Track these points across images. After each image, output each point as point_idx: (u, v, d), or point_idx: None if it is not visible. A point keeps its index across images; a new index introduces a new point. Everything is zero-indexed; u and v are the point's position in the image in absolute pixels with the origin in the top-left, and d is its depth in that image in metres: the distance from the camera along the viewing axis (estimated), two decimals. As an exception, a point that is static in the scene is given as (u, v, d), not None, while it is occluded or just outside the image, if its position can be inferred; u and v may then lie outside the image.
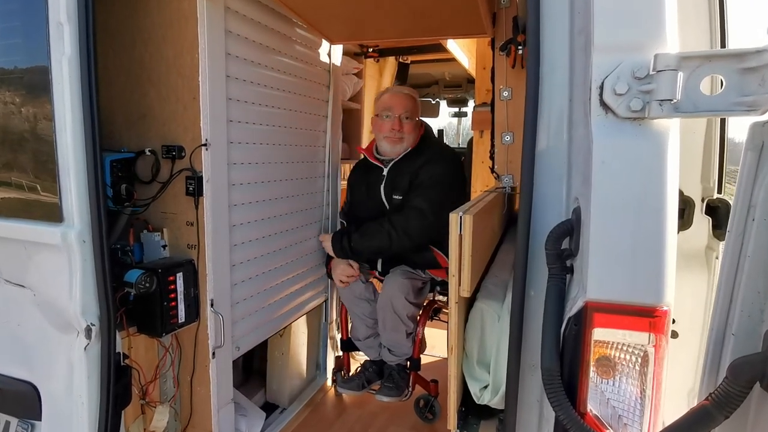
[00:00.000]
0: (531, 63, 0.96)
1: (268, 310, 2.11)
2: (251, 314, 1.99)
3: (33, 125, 1.28)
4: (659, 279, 0.79)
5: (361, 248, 2.19)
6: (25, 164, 1.33)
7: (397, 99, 2.26)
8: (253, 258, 1.97)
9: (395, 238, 2.10)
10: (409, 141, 2.25)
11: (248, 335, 1.98)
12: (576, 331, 0.86)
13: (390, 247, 2.13)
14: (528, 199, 0.98)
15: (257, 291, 2.02)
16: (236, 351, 1.91)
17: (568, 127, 0.98)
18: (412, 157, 2.25)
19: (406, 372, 2.32)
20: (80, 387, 1.32)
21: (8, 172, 1.37)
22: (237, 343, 1.91)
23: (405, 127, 2.23)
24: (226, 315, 1.79)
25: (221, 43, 1.66)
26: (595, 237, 0.81)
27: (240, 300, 1.90)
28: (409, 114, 2.23)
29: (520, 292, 1.00)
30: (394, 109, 2.23)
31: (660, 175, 0.77)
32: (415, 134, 2.28)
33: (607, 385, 0.93)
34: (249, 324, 1.98)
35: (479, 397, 1.43)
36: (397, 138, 2.23)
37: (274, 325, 2.18)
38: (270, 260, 2.08)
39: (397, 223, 2.10)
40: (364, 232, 2.18)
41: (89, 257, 1.27)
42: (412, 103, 2.27)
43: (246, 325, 1.96)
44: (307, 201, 2.37)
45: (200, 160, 1.63)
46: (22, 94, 1.30)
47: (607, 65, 0.79)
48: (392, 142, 2.25)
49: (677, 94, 0.75)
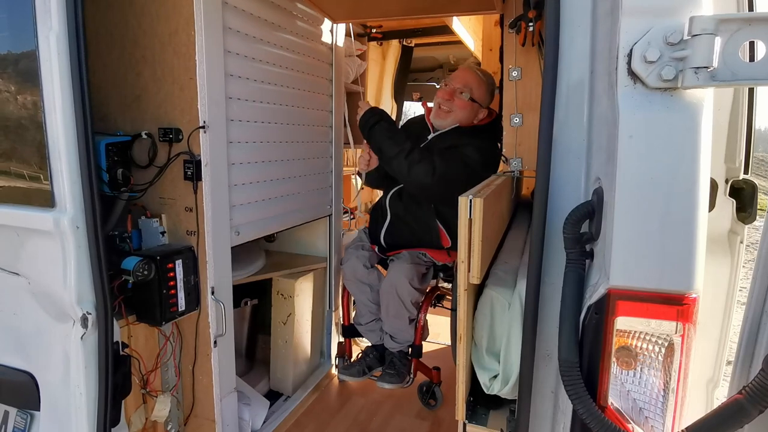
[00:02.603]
0: (550, 32, 0.89)
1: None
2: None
3: (20, 106, 1.22)
4: (690, 264, 0.74)
5: (380, 134, 2.06)
6: (14, 147, 1.28)
7: (462, 72, 2.23)
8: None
9: (403, 158, 2.00)
10: (457, 117, 2.18)
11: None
12: (597, 320, 0.81)
13: (394, 155, 2.02)
14: (545, 180, 0.92)
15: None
16: (236, 236, 1.80)
17: (589, 102, 0.91)
18: (462, 132, 2.17)
19: (408, 359, 2.29)
20: (77, 377, 1.28)
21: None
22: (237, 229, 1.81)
23: (456, 101, 2.16)
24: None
25: (218, 17, 1.58)
26: (620, 219, 0.75)
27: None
28: (466, 90, 2.16)
29: (535, 278, 0.94)
30: (453, 80, 2.20)
31: (693, 151, 0.71)
32: (467, 114, 2.18)
33: (628, 376, 0.88)
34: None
35: (489, 387, 1.38)
36: (444, 111, 2.19)
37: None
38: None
39: (415, 154, 2.02)
40: (392, 130, 2.08)
41: (83, 244, 1.22)
42: (475, 81, 2.19)
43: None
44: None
45: (198, 143, 1.57)
46: (8, 74, 1.24)
47: (637, 30, 0.72)
48: (438, 115, 2.21)
49: (714, 61, 0.68)
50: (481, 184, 1.54)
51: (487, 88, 2.24)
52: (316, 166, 2.36)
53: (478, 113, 2.22)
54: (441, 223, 2.19)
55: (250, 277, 2.27)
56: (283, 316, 2.39)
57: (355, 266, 2.35)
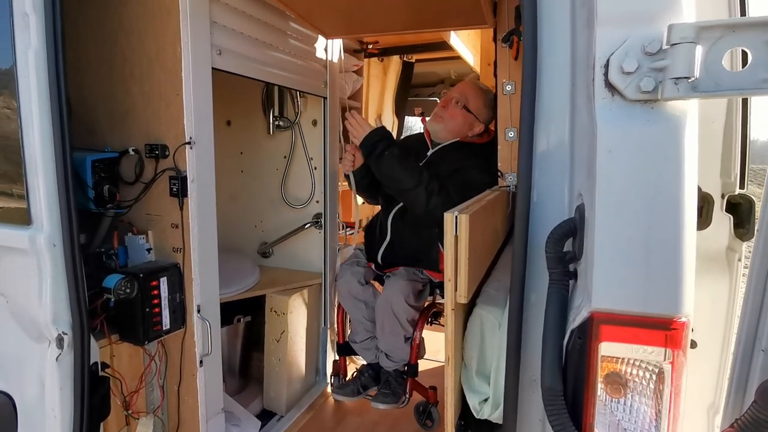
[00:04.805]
0: (528, 44, 0.86)
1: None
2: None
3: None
4: (676, 286, 0.69)
5: (390, 163, 1.96)
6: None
7: (461, 84, 2.27)
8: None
9: (422, 189, 1.94)
10: (449, 125, 2.17)
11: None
12: (580, 345, 0.76)
13: (413, 187, 1.95)
14: (526, 196, 0.88)
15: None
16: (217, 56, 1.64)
17: (571, 115, 0.87)
18: (464, 152, 2.14)
19: (404, 378, 2.23)
20: (52, 399, 1.25)
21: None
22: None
23: (450, 110, 2.16)
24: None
25: (206, 36, 1.58)
26: (600, 237, 0.71)
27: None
28: (462, 101, 2.16)
29: (518, 299, 0.89)
30: (452, 91, 2.23)
31: (676, 165, 0.66)
32: (459, 123, 2.16)
33: (618, 404, 0.82)
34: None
35: (479, 411, 1.32)
36: (438, 116, 2.19)
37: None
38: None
39: (433, 184, 1.97)
40: (405, 159, 2.00)
41: (60, 262, 1.20)
42: (472, 92, 2.19)
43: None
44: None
45: (184, 159, 1.55)
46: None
47: (614, 40, 0.68)
48: (433, 119, 2.22)
49: (695, 71, 0.65)
50: (472, 200, 1.50)
51: (486, 101, 2.21)
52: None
53: (473, 125, 2.19)
54: (442, 246, 2.13)
55: (242, 293, 2.24)
56: (277, 333, 2.34)
57: (349, 282, 2.30)
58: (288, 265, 2.66)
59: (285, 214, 2.61)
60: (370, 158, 2.02)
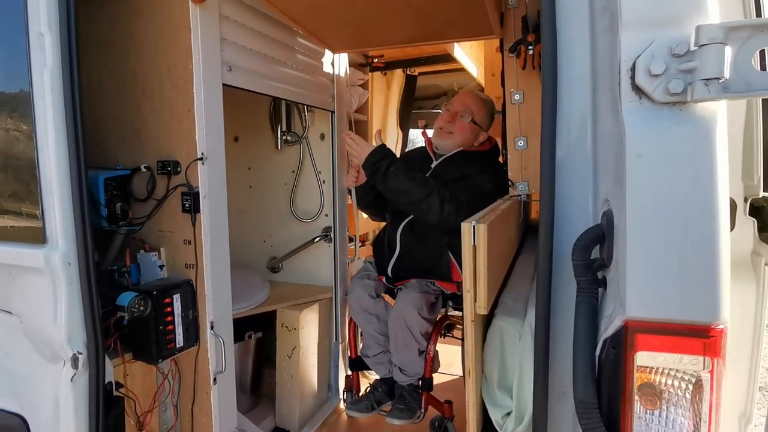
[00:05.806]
0: (547, 53, 0.85)
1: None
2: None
3: (13, 141, 1.21)
4: (714, 291, 0.67)
5: (397, 178, 1.92)
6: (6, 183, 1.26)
7: (462, 96, 2.28)
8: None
9: (435, 197, 1.92)
10: (458, 139, 2.18)
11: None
12: (615, 356, 0.74)
13: (425, 197, 1.92)
14: (550, 205, 0.86)
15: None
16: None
17: (593, 122, 0.86)
18: (468, 160, 2.17)
19: (418, 392, 2.18)
20: (67, 420, 1.22)
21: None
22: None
23: (457, 123, 2.17)
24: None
25: (216, 52, 1.59)
26: (632, 243, 0.69)
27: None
28: (466, 114, 2.17)
29: (545, 310, 0.87)
30: (454, 104, 2.23)
31: (710, 167, 0.65)
32: (468, 136, 2.19)
33: (653, 416, 0.79)
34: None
35: (502, 426, 1.29)
36: (446, 132, 2.19)
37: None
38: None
39: (444, 192, 1.94)
40: (411, 171, 1.97)
41: (75, 280, 1.19)
42: (474, 103, 2.20)
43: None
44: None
45: (196, 175, 1.55)
46: (1, 109, 1.23)
47: (639, 43, 0.68)
48: (440, 136, 2.22)
49: (725, 72, 0.64)
50: (486, 209, 1.48)
51: (488, 111, 2.24)
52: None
53: (479, 136, 2.21)
54: (453, 255, 2.12)
55: (253, 309, 2.22)
56: (288, 349, 2.31)
57: (360, 296, 2.27)
58: (298, 279, 2.64)
59: (294, 228, 2.61)
60: (375, 177, 1.98)
